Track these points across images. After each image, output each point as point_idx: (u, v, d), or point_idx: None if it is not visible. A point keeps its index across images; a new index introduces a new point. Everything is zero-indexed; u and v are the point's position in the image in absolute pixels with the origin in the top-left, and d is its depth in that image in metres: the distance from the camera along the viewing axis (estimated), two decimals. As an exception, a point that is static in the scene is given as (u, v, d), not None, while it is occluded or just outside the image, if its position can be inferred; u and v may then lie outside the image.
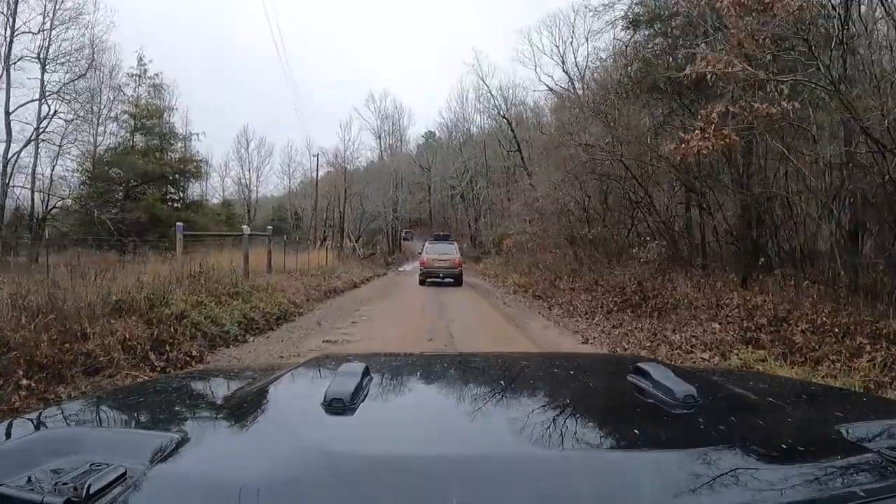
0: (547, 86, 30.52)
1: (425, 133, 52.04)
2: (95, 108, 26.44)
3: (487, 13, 67.01)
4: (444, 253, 18.56)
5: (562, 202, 17.06)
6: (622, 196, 13.63)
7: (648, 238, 11.27)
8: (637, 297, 9.33)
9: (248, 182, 45.72)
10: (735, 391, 1.13)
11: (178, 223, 11.79)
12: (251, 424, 0.88)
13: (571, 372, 1.34)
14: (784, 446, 0.81)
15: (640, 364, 1.06)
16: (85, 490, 0.60)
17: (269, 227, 16.67)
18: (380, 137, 49.66)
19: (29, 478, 0.65)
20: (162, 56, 59.42)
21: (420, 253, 20.25)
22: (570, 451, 0.79)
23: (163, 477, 0.67)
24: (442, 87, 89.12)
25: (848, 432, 0.84)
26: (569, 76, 27.33)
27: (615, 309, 9.30)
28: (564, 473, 0.70)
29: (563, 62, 28.73)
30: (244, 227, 13.14)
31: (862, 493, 0.64)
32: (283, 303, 9.85)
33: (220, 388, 1.26)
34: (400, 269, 35.37)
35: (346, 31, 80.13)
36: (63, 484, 0.62)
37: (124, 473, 0.65)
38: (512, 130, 36.15)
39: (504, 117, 36.86)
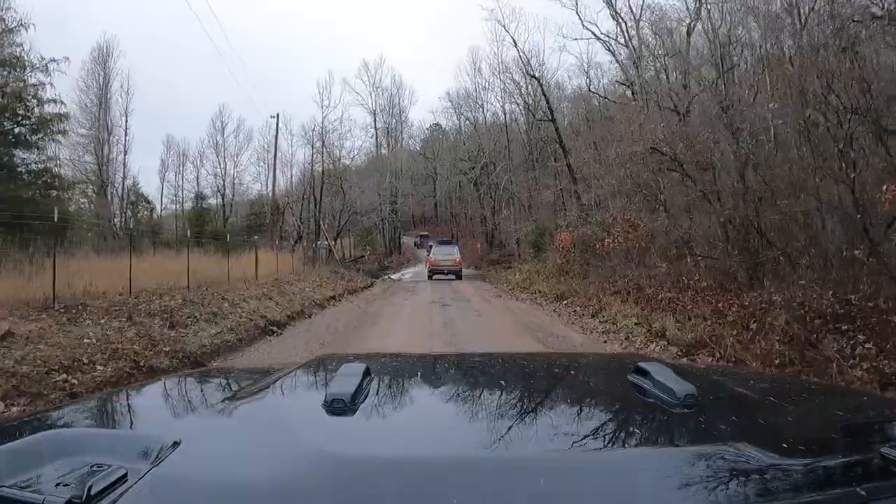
0: (592, 33, 22.32)
1: (430, 126, 45.13)
2: None
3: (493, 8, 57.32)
4: (448, 254, 23.97)
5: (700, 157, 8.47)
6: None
7: None
8: None
9: (223, 171, 36.57)
10: (736, 390, 1.13)
11: None
12: (252, 425, 0.87)
13: (572, 372, 1.33)
14: (784, 445, 0.79)
15: (640, 363, 1.04)
16: (86, 491, 0.59)
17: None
18: (374, 114, 40.43)
19: (29, 479, 0.64)
20: (158, 48, 52.95)
21: (428, 254, 26.44)
22: (570, 451, 0.78)
23: (163, 478, 0.66)
24: (446, 79, 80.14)
25: (849, 431, 0.84)
26: (620, 20, 19.19)
27: None
28: (565, 473, 0.69)
29: (612, 3, 20.19)
30: None
31: (862, 493, 0.64)
32: None
33: (220, 389, 1.23)
34: (395, 276, 26.13)
35: (344, 26, 74.16)
36: (64, 485, 0.62)
37: (125, 475, 0.64)
38: (544, 94, 26.92)
39: (533, 76, 27.52)
